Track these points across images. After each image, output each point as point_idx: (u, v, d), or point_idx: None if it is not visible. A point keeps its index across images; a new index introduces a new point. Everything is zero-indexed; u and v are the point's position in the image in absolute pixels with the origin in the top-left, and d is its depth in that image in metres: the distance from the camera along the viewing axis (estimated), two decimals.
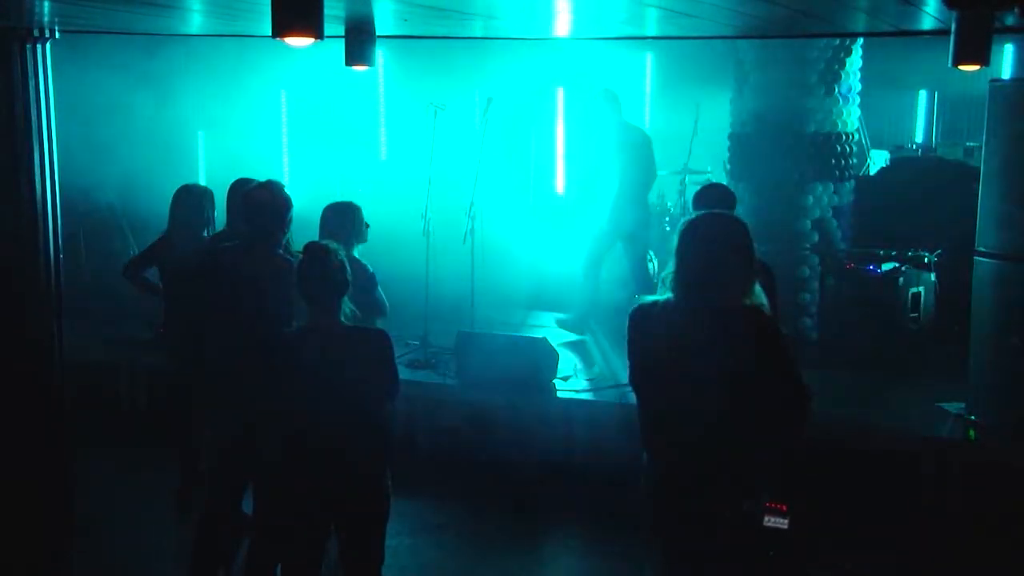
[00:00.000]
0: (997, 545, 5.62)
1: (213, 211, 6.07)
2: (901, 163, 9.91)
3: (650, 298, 3.80)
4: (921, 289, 7.71)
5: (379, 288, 5.51)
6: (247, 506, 4.98)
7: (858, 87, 8.21)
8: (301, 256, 4.10)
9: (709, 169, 9.63)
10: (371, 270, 5.46)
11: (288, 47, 3.80)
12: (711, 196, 5.30)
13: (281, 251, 4.79)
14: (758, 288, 3.66)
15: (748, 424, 3.56)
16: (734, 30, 6.32)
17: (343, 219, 5.46)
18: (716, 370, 3.53)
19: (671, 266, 3.68)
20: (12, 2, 4.47)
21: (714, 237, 3.62)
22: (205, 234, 5.96)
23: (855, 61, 8.10)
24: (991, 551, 5.60)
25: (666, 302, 3.68)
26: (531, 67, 10.12)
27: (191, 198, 6.07)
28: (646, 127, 11.12)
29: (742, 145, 8.31)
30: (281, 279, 4.65)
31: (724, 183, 5.84)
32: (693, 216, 3.76)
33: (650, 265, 9.63)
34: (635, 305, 3.83)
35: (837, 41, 7.84)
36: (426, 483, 6.58)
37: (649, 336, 3.73)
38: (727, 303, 3.57)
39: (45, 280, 5.30)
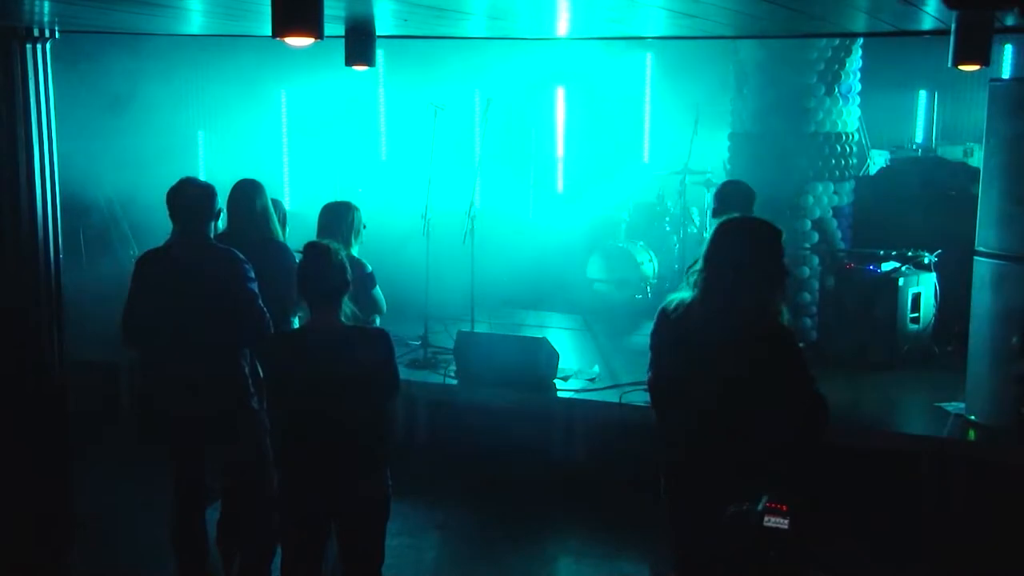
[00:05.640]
0: (997, 545, 5.62)
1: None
2: (901, 163, 9.91)
3: (674, 296, 3.80)
4: (921, 289, 7.72)
5: (377, 287, 5.52)
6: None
7: (858, 87, 8.21)
8: (301, 256, 4.10)
9: (709, 169, 9.64)
10: (369, 269, 5.47)
11: (288, 47, 3.80)
12: (731, 193, 5.35)
13: (214, 241, 4.83)
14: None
15: (763, 428, 3.57)
16: (734, 30, 6.32)
17: (340, 219, 5.47)
18: (729, 373, 3.54)
19: (697, 265, 3.69)
20: (12, 2, 4.47)
21: (745, 241, 3.62)
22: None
23: (855, 61, 8.09)
24: (991, 551, 5.60)
25: (687, 302, 3.68)
26: (531, 67, 10.13)
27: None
28: (646, 127, 11.16)
29: (742, 145, 8.31)
30: (224, 268, 4.67)
31: (743, 181, 5.90)
32: (726, 219, 3.75)
33: (651, 265, 9.65)
34: (661, 305, 3.84)
35: (837, 41, 7.83)
36: (426, 483, 6.58)
37: (670, 336, 3.73)
38: (746, 307, 3.57)
39: (45, 280, 5.30)
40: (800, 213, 8.02)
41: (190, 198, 4.76)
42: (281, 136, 10.81)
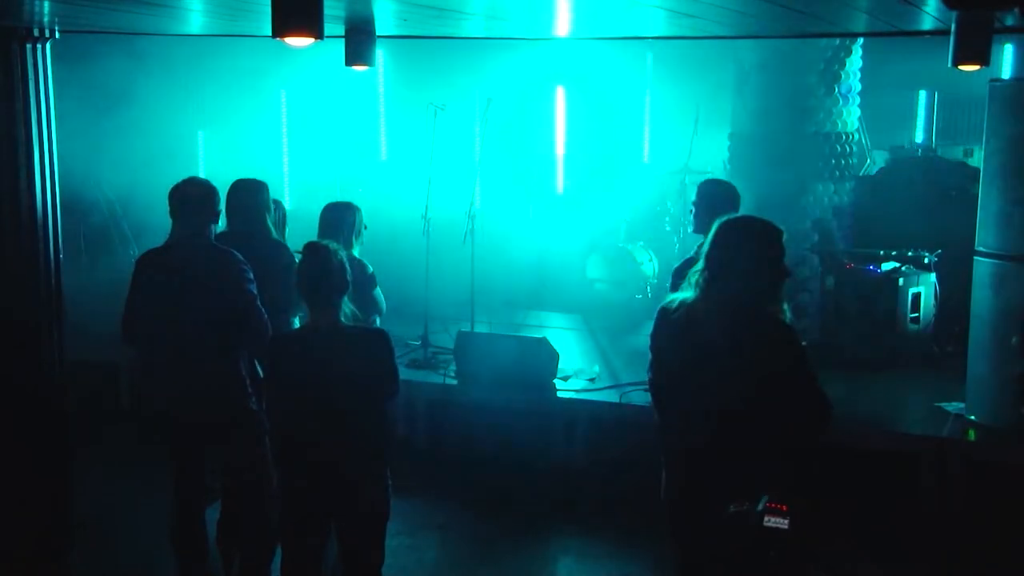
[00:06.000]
0: (997, 545, 5.62)
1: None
2: (901, 163, 9.90)
3: (675, 296, 3.79)
4: (921, 289, 7.72)
5: (378, 287, 5.52)
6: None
7: (858, 87, 8.21)
8: (301, 256, 4.10)
9: (709, 169, 9.64)
10: (371, 270, 5.47)
11: (288, 47, 3.80)
12: (718, 194, 5.34)
13: (215, 240, 4.85)
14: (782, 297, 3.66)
15: (763, 428, 3.57)
16: (733, 30, 6.31)
17: (342, 219, 5.47)
18: (732, 372, 3.54)
19: (699, 264, 3.69)
20: (12, 2, 4.47)
21: (746, 241, 3.62)
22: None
23: (855, 61, 8.10)
24: (991, 551, 5.60)
25: (688, 301, 3.68)
26: (531, 67, 10.13)
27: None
28: (646, 127, 11.15)
29: (742, 145, 8.31)
30: (224, 269, 4.67)
31: (726, 180, 5.88)
32: (727, 219, 3.74)
33: (651, 265, 9.65)
34: (660, 304, 3.84)
35: (837, 41, 7.84)
36: (426, 483, 6.57)
37: (670, 336, 3.73)
38: (749, 306, 3.57)
39: (45, 280, 5.30)
40: (800, 213, 8.02)
41: (191, 197, 4.76)
42: (281, 136, 10.81)
